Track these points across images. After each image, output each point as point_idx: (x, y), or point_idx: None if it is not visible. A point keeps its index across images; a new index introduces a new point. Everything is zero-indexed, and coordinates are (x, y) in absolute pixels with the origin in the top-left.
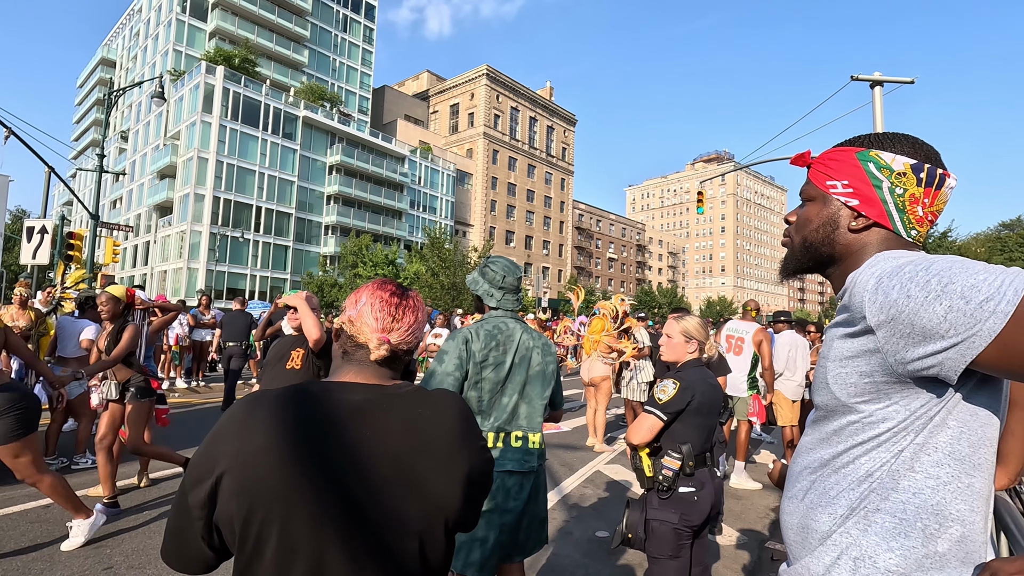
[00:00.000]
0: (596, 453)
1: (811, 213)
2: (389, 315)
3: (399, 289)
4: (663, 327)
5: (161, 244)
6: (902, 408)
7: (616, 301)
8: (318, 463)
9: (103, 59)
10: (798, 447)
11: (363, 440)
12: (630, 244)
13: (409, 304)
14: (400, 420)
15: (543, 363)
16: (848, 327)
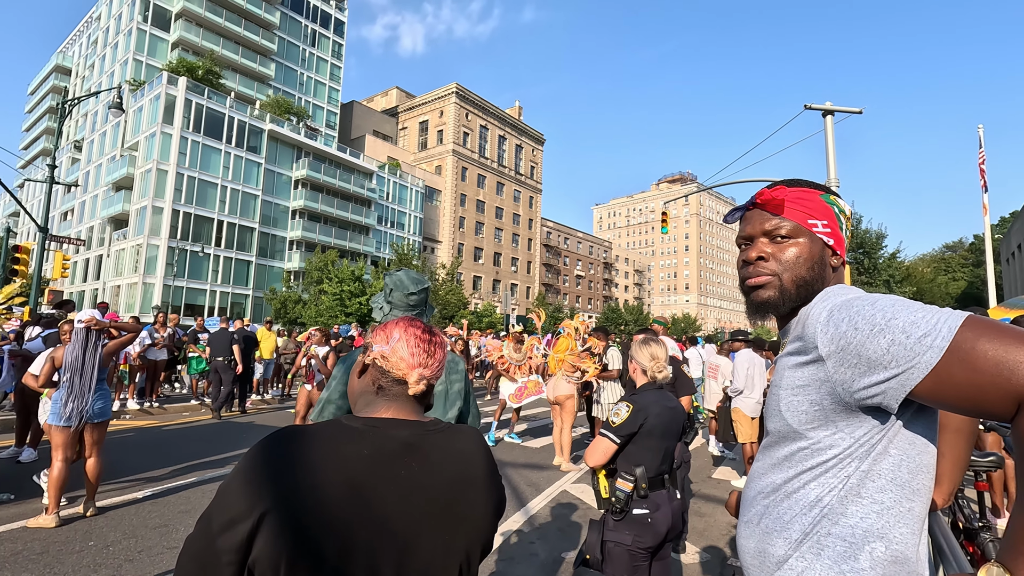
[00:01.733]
0: (562, 473)
1: (801, 251)
2: (424, 351)
3: (426, 326)
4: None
5: (115, 258)
6: (847, 436)
7: (576, 321)
8: (372, 500)
9: (57, 66)
10: (751, 472)
11: (413, 476)
12: (597, 262)
13: (438, 340)
14: (444, 455)
15: (446, 383)
16: (800, 356)
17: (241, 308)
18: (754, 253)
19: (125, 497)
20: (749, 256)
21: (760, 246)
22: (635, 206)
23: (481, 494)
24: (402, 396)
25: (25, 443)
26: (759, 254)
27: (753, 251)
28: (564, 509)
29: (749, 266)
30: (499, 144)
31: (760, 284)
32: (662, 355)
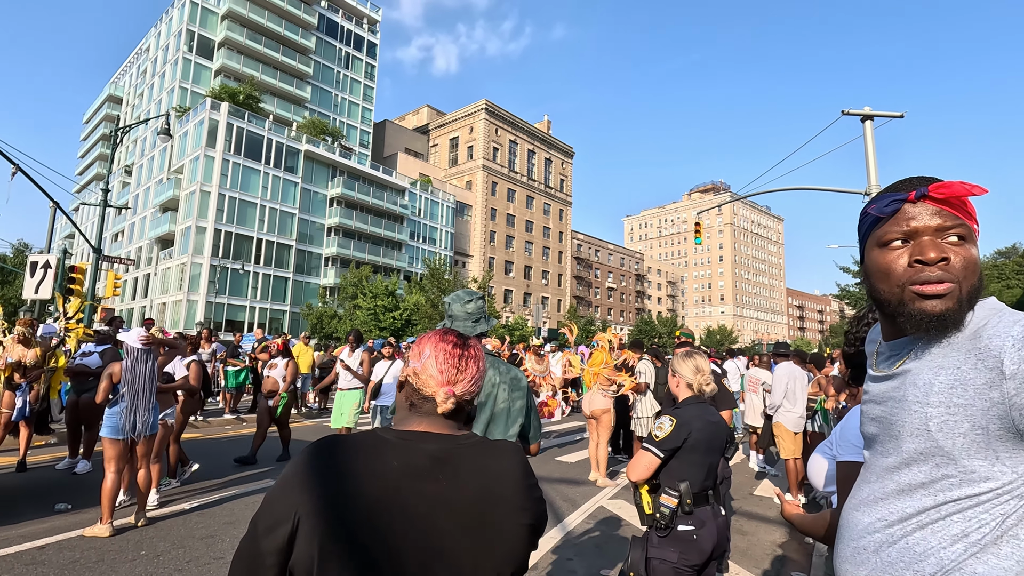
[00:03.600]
0: (599, 488)
1: (975, 258)
2: (453, 367)
3: (461, 339)
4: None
5: (162, 276)
6: (1009, 469)
7: (610, 334)
8: (400, 512)
9: (110, 96)
10: (860, 493)
11: (441, 490)
12: (629, 274)
13: (471, 354)
14: (473, 470)
15: (509, 400)
16: (968, 371)
17: (279, 323)
18: (935, 253)
19: (172, 508)
20: (928, 255)
21: (941, 246)
22: (667, 217)
23: (512, 512)
24: (433, 413)
25: (79, 455)
26: (943, 254)
27: (933, 250)
28: (602, 525)
29: (924, 268)
30: (528, 158)
31: (940, 293)
32: (707, 367)
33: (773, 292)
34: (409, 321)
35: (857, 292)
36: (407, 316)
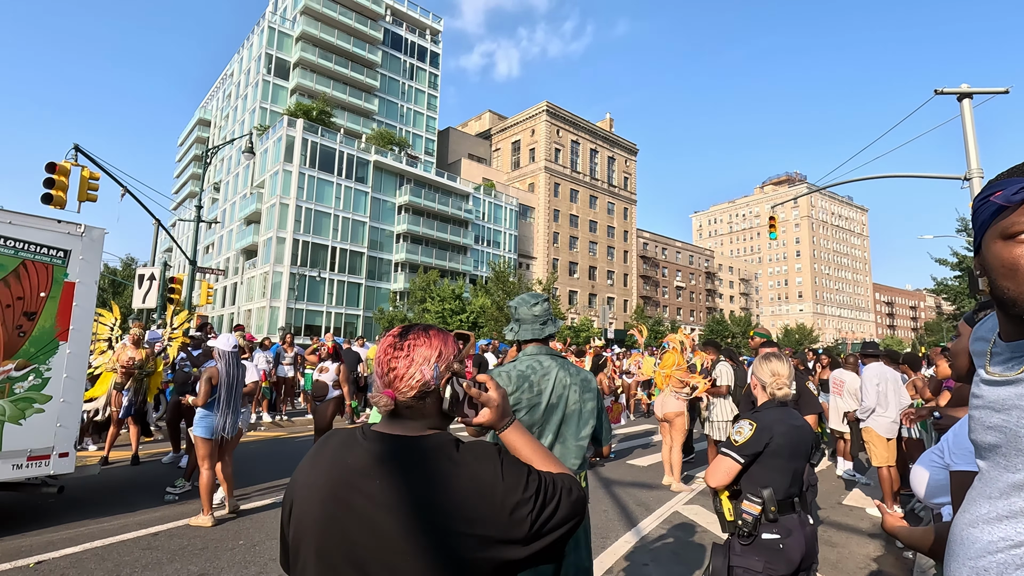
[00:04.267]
0: (673, 492)
1: None
2: (385, 366)
3: (401, 334)
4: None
5: (247, 284)
6: None
7: (681, 334)
8: (346, 506)
9: (200, 120)
10: (979, 509)
11: (376, 491)
12: (698, 272)
13: (402, 351)
14: (421, 476)
15: (580, 401)
16: None
17: (354, 328)
18: None
19: (266, 501)
20: None
21: None
22: (737, 212)
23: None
24: (389, 413)
25: (182, 449)
26: None
27: None
28: (678, 531)
29: None
30: (591, 157)
31: None
32: (784, 372)
33: (857, 288)
34: (476, 324)
35: (957, 286)
36: (474, 319)
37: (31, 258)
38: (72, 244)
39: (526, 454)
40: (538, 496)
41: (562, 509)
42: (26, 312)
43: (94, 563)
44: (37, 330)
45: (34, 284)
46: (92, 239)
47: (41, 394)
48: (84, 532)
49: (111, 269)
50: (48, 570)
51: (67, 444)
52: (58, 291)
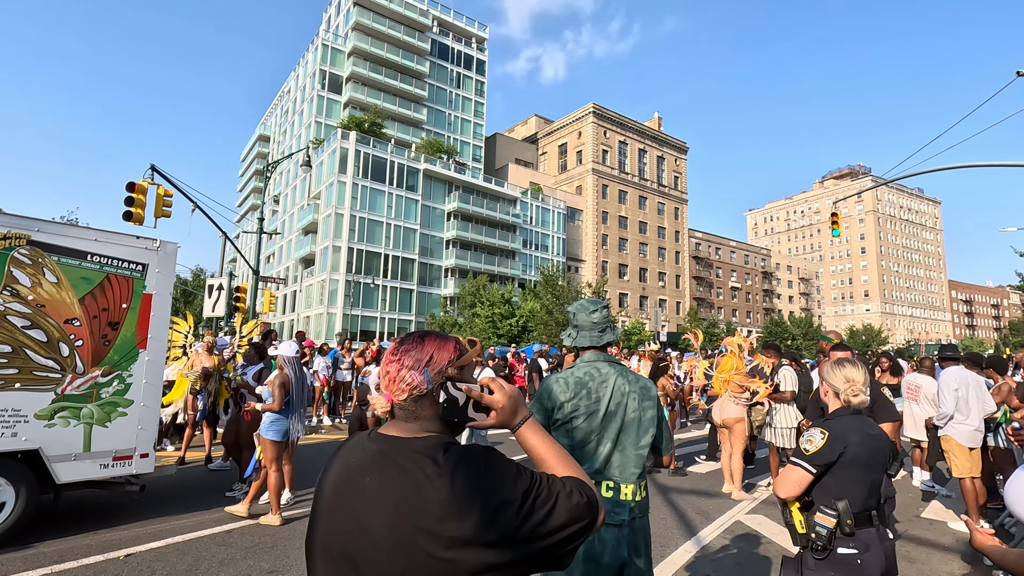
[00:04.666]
0: (734, 501)
1: None
2: (382, 369)
3: (401, 340)
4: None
5: (306, 292)
6: None
7: (739, 337)
8: (344, 504)
9: (260, 136)
10: None
11: (368, 490)
12: (754, 271)
13: (395, 356)
14: (400, 473)
15: (639, 409)
16: None
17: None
18: None
19: None
20: None
21: None
22: (795, 208)
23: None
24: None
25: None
26: None
27: None
28: (741, 541)
29: None
30: (639, 158)
31: None
32: (859, 378)
33: (931, 285)
34: (525, 328)
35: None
36: (523, 323)
37: (114, 272)
38: (149, 258)
39: (540, 454)
40: (526, 499)
41: (558, 514)
42: (110, 322)
43: (176, 557)
44: (120, 339)
45: (117, 296)
46: (166, 253)
47: (124, 398)
48: (166, 528)
49: (182, 280)
50: (136, 562)
51: (147, 445)
52: (137, 302)
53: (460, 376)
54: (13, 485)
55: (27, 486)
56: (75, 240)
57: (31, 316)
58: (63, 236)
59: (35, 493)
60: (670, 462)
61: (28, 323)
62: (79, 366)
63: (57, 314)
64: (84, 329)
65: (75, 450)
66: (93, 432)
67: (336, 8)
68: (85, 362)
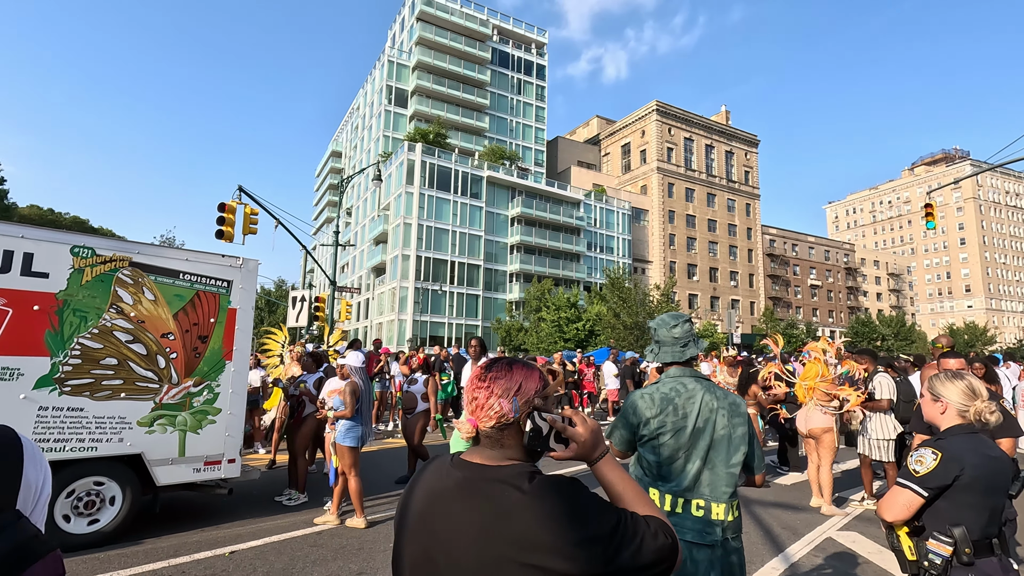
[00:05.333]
0: (824, 516)
1: None
2: (469, 395)
3: (487, 366)
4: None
5: (378, 300)
6: None
7: (823, 342)
8: (430, 529)
9: (333, 152)
10: None
11: (456, 516)
12: (836, 268)
13: (484, 382)
14: (487, 501)
15: (729, 426)
16: None
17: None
18: None
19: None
20: None
21: None
22: (882, 199)
23: (522, 552)
24: (481, 443)
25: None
26: None
27: None
28: (834, 560)
29: None
30: (706, 154)
31: None
32: (985, 391)
33: None
34: (592, 332)
35: None
36: (590, 327)
37: (202, 289)
38: (233, 275)
39: (618, 490)
40: (613, 536)
41: (644, 553)
42: (200, 336)
43: (274, 556)
44: (209, 351)
45: (205, 311)
46: (249, 270)
47: (213, 407)
48: (263, 527)
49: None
50: (240, 559)
51: (234, 451)
52: (223, 317)
53: (545, 407)
54: (120, 486)
55: (132, 487)
56: (169, 260)
57: (133, 331)
58: (159, 257)
59: (139, 494)
60: (762, 481)
61: (131, 338)
62: (174, 377)
63: (155, 329)
64: (178, 342)
65: (172, 455)
66: (187, 438)
67: (400, 25)
68: (179, 373)
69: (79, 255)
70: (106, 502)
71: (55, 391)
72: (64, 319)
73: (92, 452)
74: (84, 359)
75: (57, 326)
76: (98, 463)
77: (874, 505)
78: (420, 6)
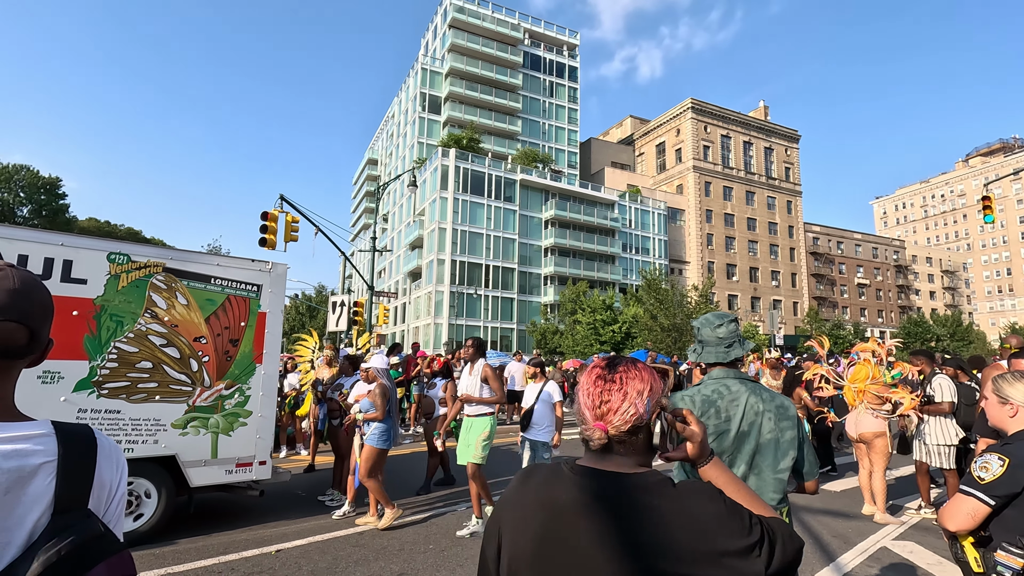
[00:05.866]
0: (878, 524)
1: None
2: (597, 399)
3: (607, 369)
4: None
5: (414, 304)
6: None
7: (872, 343)
8: (562, 544)
9: (369, 159)
10: None
11: (600, 529)
12: (885, 265)
13: (615, 385)
14: (636, 514)
15: (776, 430)
16: None
17: (509, 341)
18: None
19: (449, 509)
20: None
21: None
22: (934, 192)
23: (678, 565)
24: (598, 449)
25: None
26: None
27: None
28: (890, 571)
29: None
30: (745, 150)
31: None
32: None
33: None
34: (629, 334)
35: None
36: (626, 329)
37: (233, 293)
38: (263, 279)
39: (731, 492)
40: (762, 541)
41: (788, 554)
42: (231, 339)
43: (317, 555)
44: (240, 355)
45: (236, 315)
46: (278, 274)
47: (244, 410)
48: (306, 527)
49: (307, 296)
50: (285, 557)
51: (264, 453)
52: (254, 320)
53: (666, 406)
54: (156, 486)
55: (167, 488)
56: (201, 266)
57: (167, 335)
58: (191, 263)
59: (173, 494)
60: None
61: (165, 342)
62: (206, 380)
63: (187, 333)
64: (209, 346)
65: (205, 456)
66: (219, 440)
67: (433, 33)
68: (211, 376)
69: (115, 261)
70: (143, 502)
71: (93, 393)
72: (101, 324)
73: (129, 454)
74: (120, 362)
75: (95, 330)
76: (134, 464)
77: (932, 514)
78: (452, 13)
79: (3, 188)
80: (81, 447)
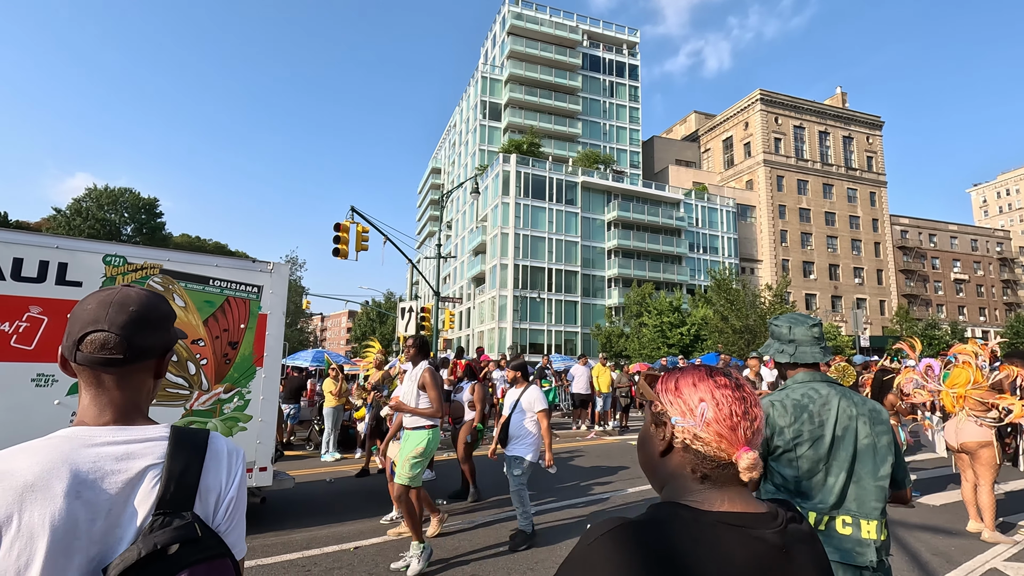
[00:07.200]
0: (986, 544)
1: None
2: (753, 414)
3: (729, 376)
4: None
5: (478, 309)
6: None
7: (972, 344)
8: None
9: (433, 169)
10: None
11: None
12: (987, 259)
13: (751, 396)
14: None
15: (872, 435)
16: None
17: (573, 344)
18: None
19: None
20: None
21: None
22: None
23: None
24: (737, 484)
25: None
26: None
27: None
28: None
29: None
30: (820, 141)
31: None
32: None
33: None
34: (698, 336)
35: None
36: (695, 331)
37: (233, 295)
38: (263, 280)
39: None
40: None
41: None
42: (230, 342)
43: (392, 553)
44: (239, 357)
45: (236, 317)
46: (279, 275)
47: (244, 414)
48: (379, 526)
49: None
50: (363, 554)
51: (265, 459)
52: (254, 323)
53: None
54: None
55: None
56: (199, 267)
57: None
58: (188, 264)
59: None
60: (910, 496)
61: None
62: (204, 383)
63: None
64: (208, 349)
65: None
66: None
67: (492, 41)
68: (209, 379)
69: (111, 263)
70: None
71: None
72: None
73: None
74: None
75: None
76: None
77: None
78: (511, 20)
79: (110, 209)
80: (188, 451)
